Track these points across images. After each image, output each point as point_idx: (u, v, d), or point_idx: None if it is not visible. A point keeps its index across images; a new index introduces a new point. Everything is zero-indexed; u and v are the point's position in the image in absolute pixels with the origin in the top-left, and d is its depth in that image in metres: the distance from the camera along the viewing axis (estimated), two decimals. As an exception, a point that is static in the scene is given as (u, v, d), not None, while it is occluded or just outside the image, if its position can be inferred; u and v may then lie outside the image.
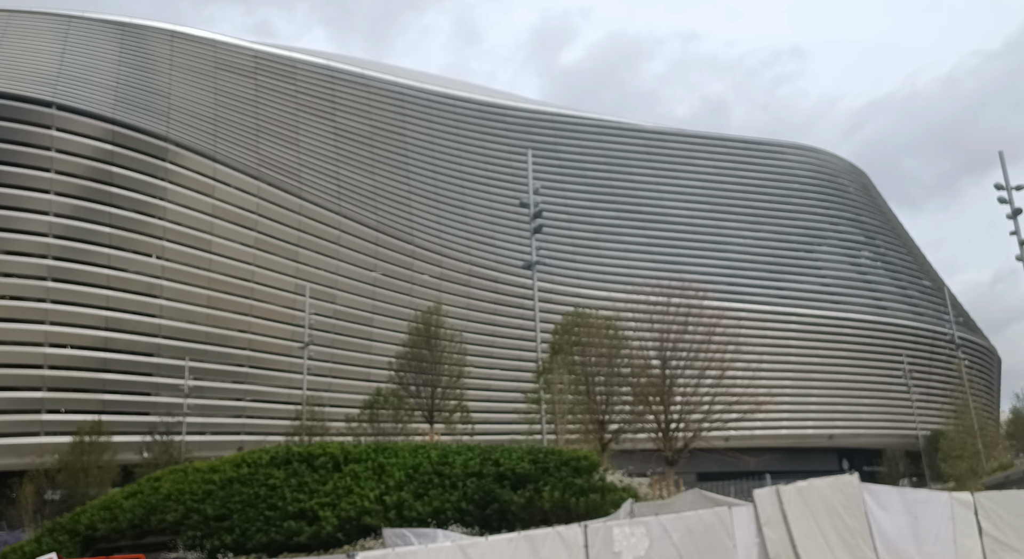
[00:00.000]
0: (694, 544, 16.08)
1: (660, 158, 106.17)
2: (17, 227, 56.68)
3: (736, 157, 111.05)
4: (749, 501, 17.39)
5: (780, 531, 16.92)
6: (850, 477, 18.70)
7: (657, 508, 19.60)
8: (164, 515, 30.15)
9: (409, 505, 25.82)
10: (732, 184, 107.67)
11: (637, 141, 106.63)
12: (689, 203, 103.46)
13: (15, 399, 54.65)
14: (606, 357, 35.00)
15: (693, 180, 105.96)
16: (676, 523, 16.21)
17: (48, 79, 61.11)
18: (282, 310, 68.84)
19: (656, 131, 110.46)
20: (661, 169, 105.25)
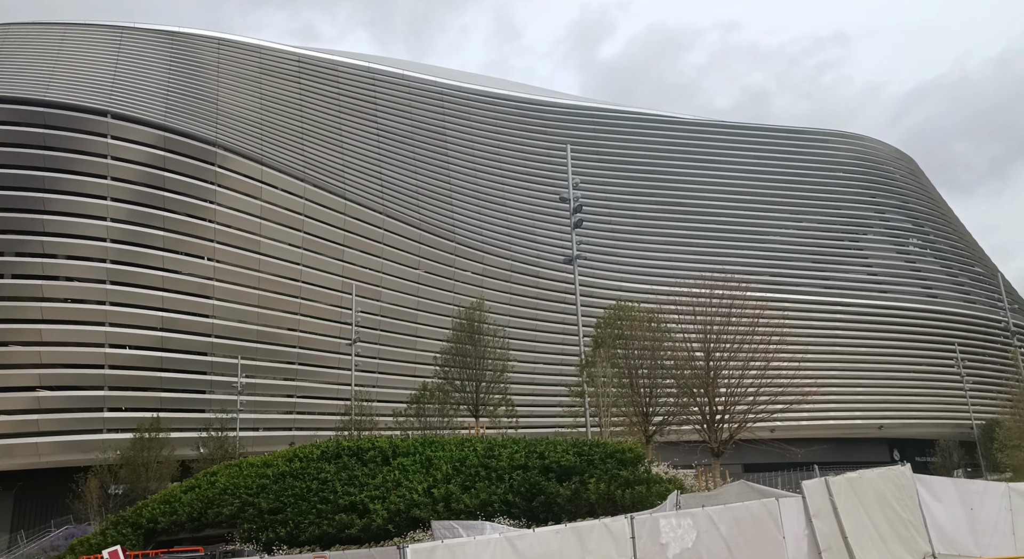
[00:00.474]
0: (742, 536, 16.00)
1: (700, 150, 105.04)
2: (77, 232, 58.75)
3: (778, 147, 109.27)
4: (797, 493, 17.21)
5: (830, 523, 16.72)
6: (902, 468, 18.45)
7: (703, 500, 19.61)
8: (220, 508, 31.20)
9: (457, 498, 26.29)
10: (774, 174, 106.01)
11: (677, 133, 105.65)
12: (731, 194, 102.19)
13: (79, 398, 56.76)
14: (649, 350, 35.01)
15: (734, 171, 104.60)
16: (723, 514, 16.15)
17: (103, 89, 63.13)
18: (329, 308, 70.17)
19: (696, 123, 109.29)
20: (702, 161, 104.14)
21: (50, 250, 57.94)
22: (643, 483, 24.41)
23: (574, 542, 14.79)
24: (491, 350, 46.07)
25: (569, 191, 39.54)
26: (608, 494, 24.05)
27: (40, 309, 56.78)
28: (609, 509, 22.71)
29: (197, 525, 32.26)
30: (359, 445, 32.26)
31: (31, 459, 55.41)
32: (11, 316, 56.19)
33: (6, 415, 54.93)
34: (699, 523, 15.79)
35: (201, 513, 32.04)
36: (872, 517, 17.23)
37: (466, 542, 14.64)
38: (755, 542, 16.06)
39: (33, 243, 57.56)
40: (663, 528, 15.49)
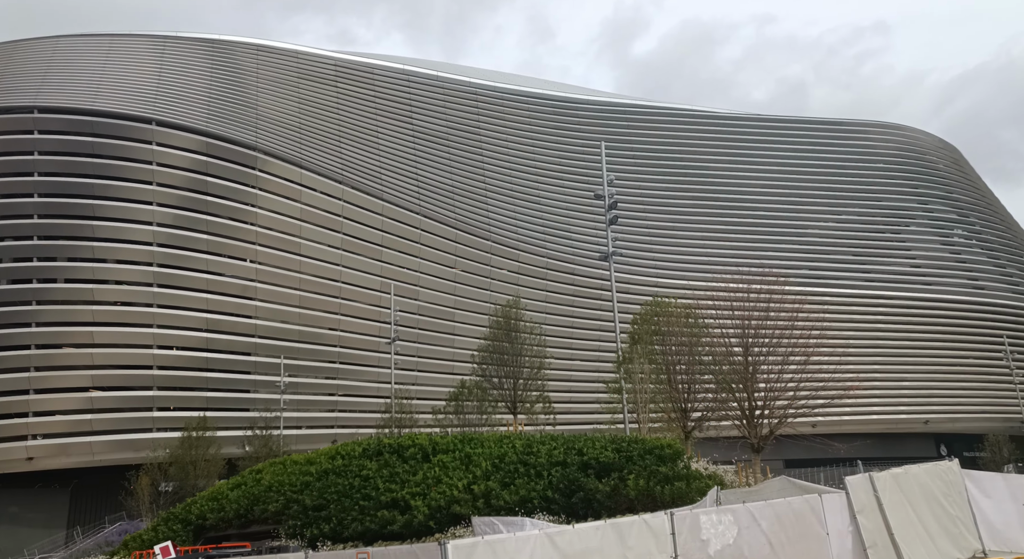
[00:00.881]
0: (784, 532, 15.95)
1: (736, 144, 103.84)
2: (125, 237, 60.45)
3: (815, 139, 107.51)
4: (840, 489, 17.12)
5: (875, 519, 16.59)
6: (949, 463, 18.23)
7: (744, 495, 19.53)
8: (266, 505, 31.87)
9: (496, 494, 26.52)
10: (812, 167, 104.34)
11: (712, 128, 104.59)
12: (767, 188, 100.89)
13: (129, 398, 58.44)
14: (687, 345, 34.87)
15: (771, 165, 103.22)
16: (765, 510, 16.12)
17: (148, 97, 64.80)
18: (369, 308, 71.11)
19: (731, 117, 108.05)
20: (737, 155, 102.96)
21: (100, 255, 59.69)
22: (682, 479, 24.38)
23: (614, 538, 14.88)
24: (528, 347, 46.29)
25: (604, 188, 39.55)
26: (647, 490, 24.06)
27: (92, 312, 58.55)
28: (649, 505, 22.74)
29: (244, 521, 32.96)
30: (400, 442, 32.68)
31: (86, 458, 57.22)
32: (64, 319, 58.05)
33: (62, 415, 56.81)
34: (740, 519, 15.78)
35: (247, 510, 32.73)
36: (919, 513, 17.03)
37: (506, 538, 14.82)
38: (798, 538, 16.00)
39: (84, 248, 59.38)
40: (704, 524, 15.52)
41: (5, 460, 55.90)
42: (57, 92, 63.03)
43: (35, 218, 59.25)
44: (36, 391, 56.54)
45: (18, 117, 60.98)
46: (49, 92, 62.89)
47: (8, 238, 59.09)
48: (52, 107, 61.58)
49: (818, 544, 16.16)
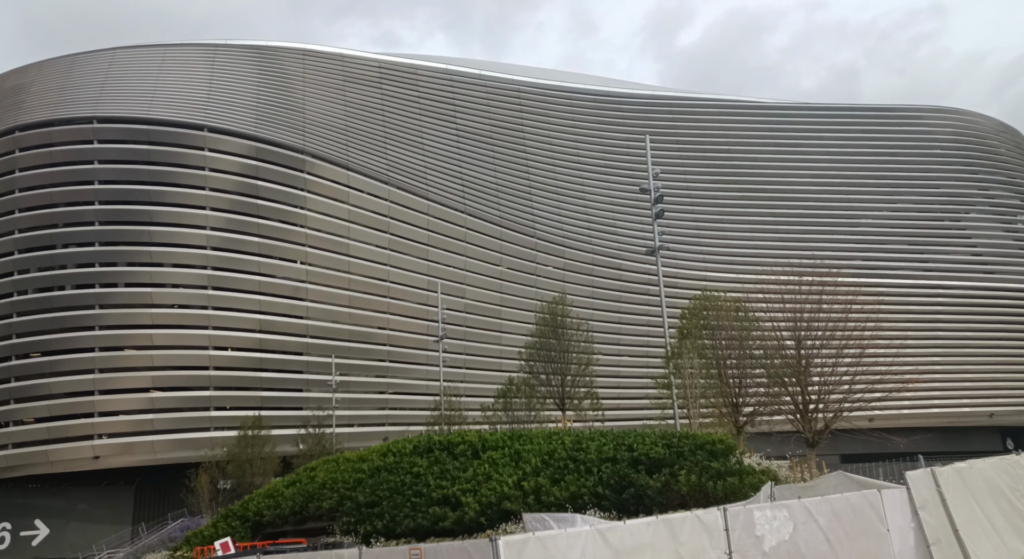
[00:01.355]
0: (842, 528, 15.64)
1: (785, 134, 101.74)
2: (181, 242, 62.16)
3: (867, 126, 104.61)
4: (901, 484, 16.71)
5: (939, 515, 16.16)
6: (1017, 457, 17.69)
7: (799, 491, 19.21)
8: (321, 502, 32.43)
9: (546, 490, 26.52)
10: (865, 155, 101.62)
11: (759, 118, 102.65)
12: (818, 178, 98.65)
13: (187, 398, 60.10)
14: (737, 339, 34.35)
15: (822, 154, 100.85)
16: (822, 506, 15.83)
17: (200, 104, 66.47)
18: (416, 306, 71.83)
19: (779, 107, 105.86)
20: (786, 145, 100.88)
21: (157, 259, 61.48)
22: (735, 474, 24.03)
23: (666, 534, 14.77)
24: (575, 344, 46.18)
25: (649, 182, 39.17)
26: (699, 486, 23.79)
27: (151, 315, 60.36)
28: (701, 501, 22.49)
29: (300, 518, 33.59)
30: (449, 439, 32.90)
31: (148, 456, 59.04)
32: (125, 322, 59.94)
33: (125, 415, 58.72)
34: (796, 515, 15.51)
35: (303, 507, 33.35)
36: (984, 508, 16.55)
37: (557, 534, 14.82)
38: (857, 535, 15.66)
39: (142, 253, 61.23)
40: (758, 520, 15.30)
41: (73, 458, 58.04)
42: (115, 102, 65.06)
43: (96, 225, 61.30)
44: (101, 392, 58.52)
45: (79, 128, 63.14)
46: (107, 102, 64.95)
47: (72, 245, 61.27)
48: (110, 117, 63.58)
49: (878, 541, 15.78)
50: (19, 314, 60.28)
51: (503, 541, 13.64)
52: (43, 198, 61.88)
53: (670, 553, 14.53)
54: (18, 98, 66.37)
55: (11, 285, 60.95)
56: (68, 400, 58.15)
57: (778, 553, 15.08)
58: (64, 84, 66.96)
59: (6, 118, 65.08)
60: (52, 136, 62.89)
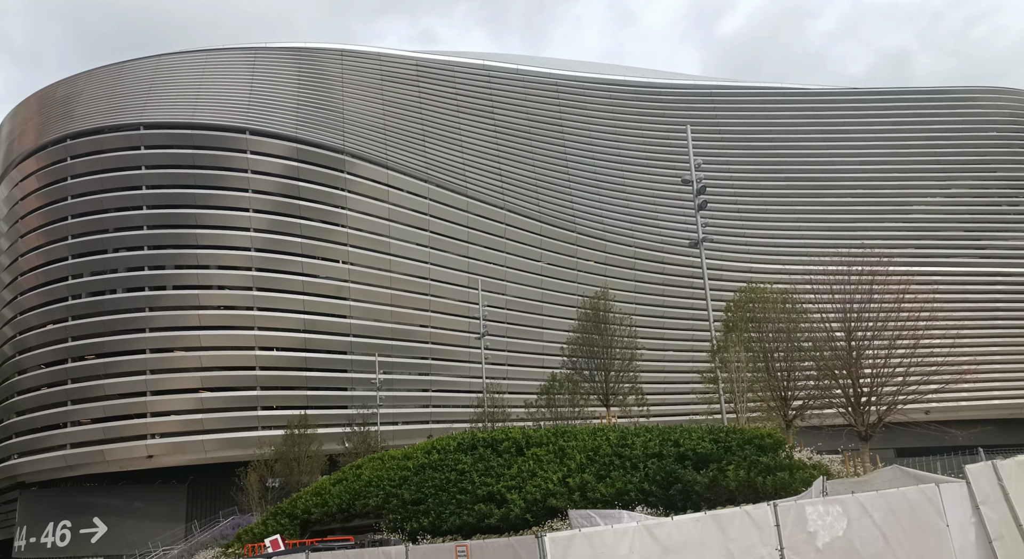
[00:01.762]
0: (899, 524, 15.12)
1: (831, 121, 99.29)
2: (226, 244, 63.28)
3: (919, 110, 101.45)
4: (960, 478, 16.14)
5: (1001, 509, 15.54)
6: (1082, 449, 16.84)
7: (853, 486, 18.65)
8: (367, 500, 32.67)
9: (592, 487, 26.27)
10: (916, 139, 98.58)
11: (804, 106, 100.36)
12: (867, 165, 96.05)
13: (235, 398, 61.20)
14: (785, 332, 33.56)
15: (870, 140, 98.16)
16: (876, 501, 15.33)
17: (241, 107, 67.56)
18: (457, 304, 72.03)
19: (824, 93, 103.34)
20: (833, 132, 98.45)
21: (204, 262, 62.70)
22: (785, 469, 23.47)
23: (715, 530, 14.46)
24: (618, 339, 45.68)
25: (691, 173, 38.54)
26: (748, 481, 23.29)
27: (198, 317, 61.59)
28: (750, 497, 22.00)
29: (347, 516, 33.90)
30: (493, 436, 32.87)
31: (199, 455, 60.31)
32: (174, 324, 61.28)
33: (176, 415, 60.06)
34: (849, 510, 15.04)
35: (349, 504, 33.65)
36: (1050, 503, 15.83)
37: (604, 531, 14.61)
38: (914, 531, 15.13)
39: (189, 256, 62.50)
40: (810, 515, 14.86)
41: (128, 458, 59.60)
42: (161, 108, 66.51)
43: (145, 229, 62.75)
44: (152, 393, 59.95)
45: (127, 134, 64.69)
46: (154, 108, 66.41)
47: (122, 249, 62.83)
48: (156, 123, 65.00)
49: (937, 536, 15.21)
50: (74, 317, 62.04)
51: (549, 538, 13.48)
52: (94, 204, 63.56)
53: (719, 549, 14.19)
54: (69, 107, 68.29)
55: (66, 289, 62.76)
56: (122, 401, 59.69)
57: (832, 549, 14.63)
58: (112, 91, 68.62)
59: (58, 126, 67.00)
60: (102, 143, 64.53)
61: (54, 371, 61.74)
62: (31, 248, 64.78)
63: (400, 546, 16.26)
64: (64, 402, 60.80)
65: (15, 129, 71.76)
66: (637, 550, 13.83)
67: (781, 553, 14.32)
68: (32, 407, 62.35)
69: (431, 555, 15.61)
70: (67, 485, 63.10)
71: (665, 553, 13.97)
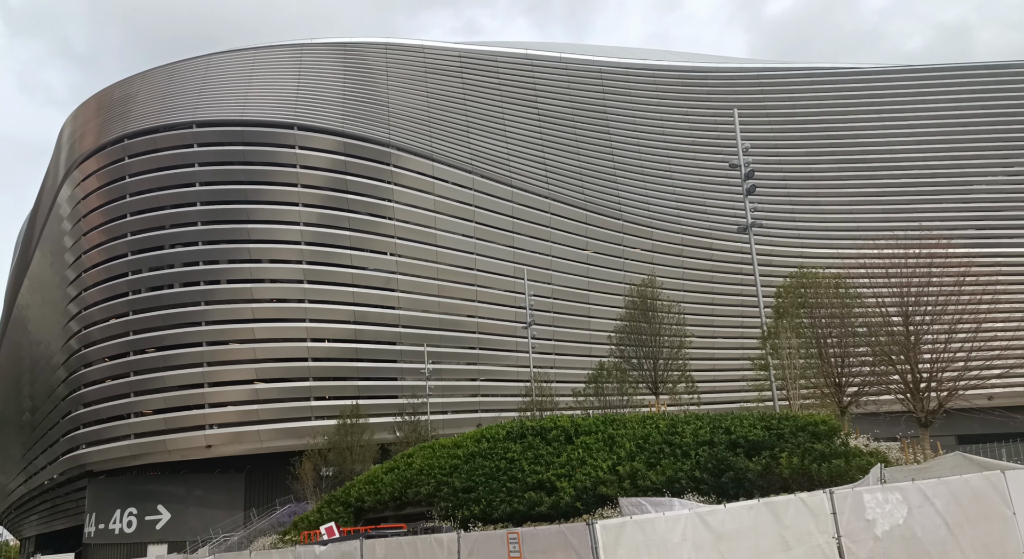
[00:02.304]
0: (962, 512, 14.76)
1: (886, 99, 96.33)
2: (277, 238, 64.54)
3: (979, 86, 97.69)
4: (1026, 465, 15.65)
5: (1072, 497, 15.03)
6: None
7: (912, 473, 18.25)
8: (419, 488, 33.10)
9: (642, 474, 26.17)
10: (976, 116, 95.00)
11: (857, 85, 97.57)
12: (924, 144, 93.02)
13: (289, 388, 62.52)
14: (838, 317, 32.83)
15: (928, 118, 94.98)
16: (938, 489, 14.97)
17: (289, 103, 68.67)
18: (504, 293, 72.26)
19: (878, 71, 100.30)
20: (888, 111, 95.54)
21: (256, 256, 64.03)
22: (840, 456, 23.01)
23: (769, 518, 14.28)
24: (666, 327, 45.26)
25: (739, 157, 37.86)
26: (802, 468, 22.91)
27: (251, 310, 63.01)
28: (804, 484, 21.64)
29: (399, 504, 34.40)
30: (542, 425, 32.96)
31: (255, 445, 61.83)
32: (229, 318, 62.79)
33: (232, 406, 61.64)
34: (910, 498, 14.70)
35: (401, 492, 34.13)
36: (1125, 490, 15.24)
37: (655, 518, 14.53)
38: (978, 519, 14.73)
39: (241, 251, 63.90)
40: (868, 503, 14.57)
41: (188, 447, 61.43)
42: (212, 106, 68.00)
43: (199, 225, 64.35)
44: (209, 384, 61.61)
45: (180, 133, 66.32)
46: (205, 107, 67.94)
47: (178, 245, 64.55)
48: (208, 120, 66.47)
49: (1003, 525, 14.78)
50: (134, 312, 64.04)
51: (600, 525, 13.46)
52: (151, 201, 65.38)
53: (774, 537, 14.01)
54: (126, 108, 70.29)
55: (126, 285, 64.79)
56: (181, 392, 61.50)
57: (891, 537, 14.33)
58: (166, 91, 70.39)
59: (116, 127, 69.03)
60: (157, 142, 66.29)
61: (117, 364, 63.88)
62: (93, 245, 67.00)
63: (452, 533, 16.45)
64: (127, 394, 62.89)
65: (76, 131, 74.22)
66: (690, 537, 13.74)
67: (838, 541, 14.10)
68: (98, 399, 64.66)
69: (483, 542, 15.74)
70: (132, 474, 65.34)
71: (718, 540, 13.86)
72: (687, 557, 13.55)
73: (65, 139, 76.77)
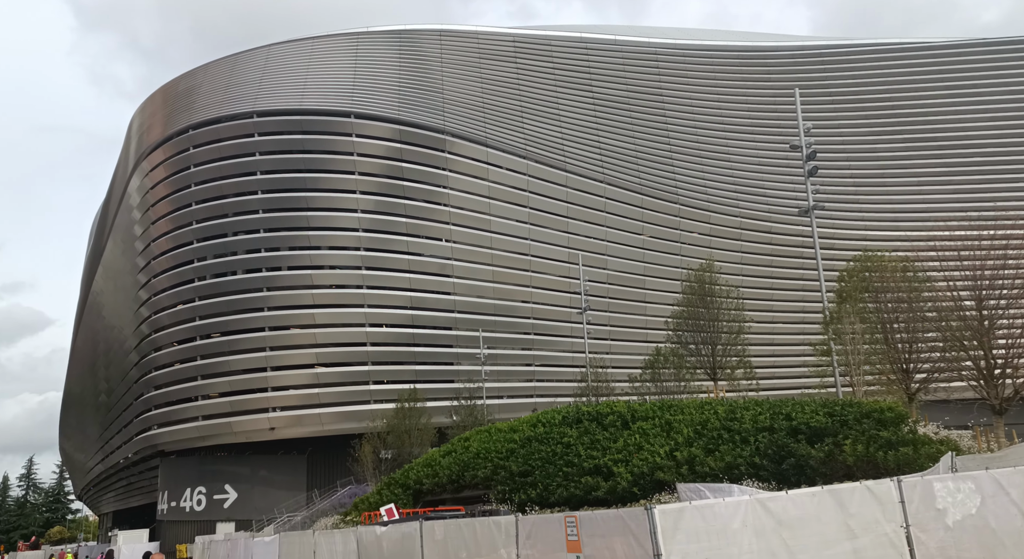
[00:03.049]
0: (1041, 501, 14.18)
1: (957, 75, 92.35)
2: (335, 225, 65.65)
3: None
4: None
5: None
6: None
7: (985, 462, 17.58)
8: (475, 471, 33.41)
9: (700, 460, 25.89)
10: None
11: (925, 61, 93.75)
12: (1000, 120, 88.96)
13: (349, 373, 63.74)
14: (906, 301, 31.77)
15: (1003, 93, 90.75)
16: (1014, 478, 14.39)
17: (346, 91, 69.54)
18: (558, 279, 72.11)
19: (950, 45, 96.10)
20: (960, 87, 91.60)
21: (315, 243, 65.29)
22: (908, 444, 22.31)
23: (833, 506, 13.93)
24: (725, 312, 44.57)
25: (800, 138, 36.89)
26: (867, 456, 22.30)
27: (312, 295, 64.35)
28: (869, 472, 21.06)
29: (456, 486, 34.78)
30: (598, 410, 32.88)
31: (316, 428, 63.32)
32: (290, 303, 64.25)
33: (294, 389, 63.20)
34: (983, 487, 14.17)
35: (459, 475, 34.49)
36: None
37: (715, 503, 14.32)
38: (1059, 509, 14.12)
39: (301, 238, 65.23)
40: (938, 492, 14.10)
41: (253, 430, 63.29)
42: (271, 96, 69.33)
43: (260, 213, 65.86)
44: (272, 368, 63.26)
45: (241, 123, 67.85)
46: (265, 96, 69.32)
47: (241, 232, 66.24)
48: (268, 110, 67.84)
49: (1084, 518, 14.12)
50: (200, 298, 66.08)
51: (659, 509, 13.31)
52: (214, 190, 67.17)
53: (838, 525, 13.68)
54: (190, 99, 72.24)
55: (192, 272, 66.87)
56: (245, 376, 63.29)
57: (963, 528, 13.85)
58: (228, 82, 72.02)
59: (181, 118, 71.05)
60: (219, 132, 67.99)
61: (185, 348, 66.09)
62: (161, 233, 69.27)
63: (510, 516, 16.54)
64: (195, 377, 65.06)
65: (144, 123, 76.67)
66: (751, 524, 13.51)
67: (907, 530, 13.69)
68: (167, 382, 67.09)
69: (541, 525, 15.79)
70: (201, 454, 67.69)
71: (780, 527, 13.59)
72: (748, 543, 13.33)
73: (134, 131, 79.38)
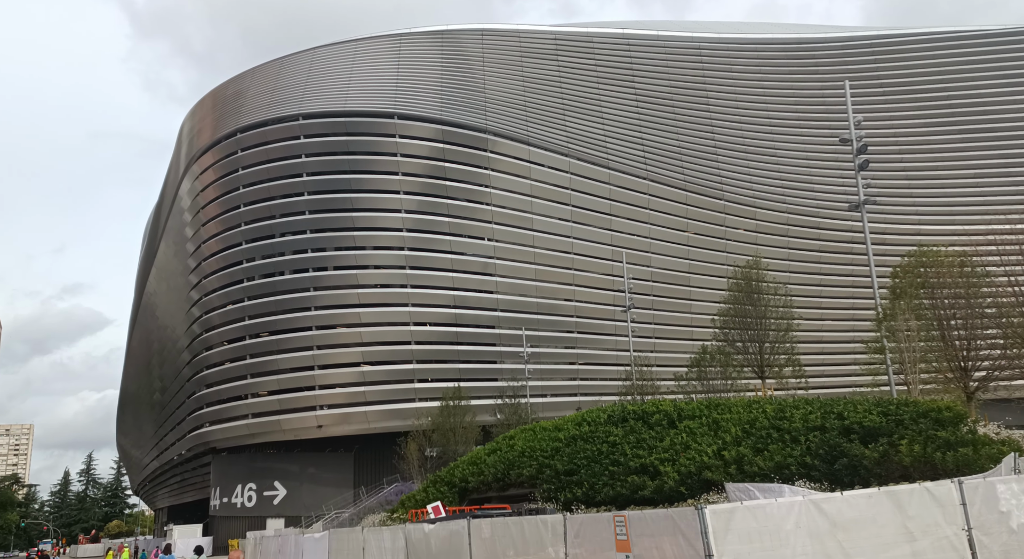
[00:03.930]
0: (1115, 503, 13.65)
1: (1013, 63, 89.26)
2: (380, 225, 66.35)
3: None
4: None
5: None
6: None
7: (1049, 464, 16.94)
8: (521, 470, 33.38)
9: (749, 460, 25.46)
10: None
11: (981, 49, 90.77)
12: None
13: (394, 371, 64.37)
14: (964, 297, 30.79)
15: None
16: (1081, 479, 13.90)
17: (389, 92, 70.20)
18: (602, 277, 71.71)
19: (1006, 33, 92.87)
20: (1015, 76, 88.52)
21: (360, 243, 66.07)
22: (968, 445, 21.60)
23: (890, 507, 13.58)
24: (772, 309, 43.79)
25: (850, 131, 36.05)
26: (925, 457, 21.66)
27: (357, 295, 65.14)
28: (927, 473, 20.47)
29: (502, 485, 34.78)
30: (644, 409, 32.56)
31: (362, 426, 64.08)
32: (337, 303, 65.15)
33: (341, 388, 64.06)
34: (1049, 490, 13.70)
35: (504, 474, 34.49)
36: None
37: (767, 504, 14.07)
38: None
39: (347, 238, 66.07)
40: (1002, 494, 13.67)
41: (301, 427, 64.35)
42: (317, 98, 70.35)
43: (307, 214, 66.91)
44: (320, 367, 64.21)
45: (288, 125, 69.02)
46: (310, 99, 70.37)
47: (288, 233, 67.39)
48: (313, 112, 68.88)
49: None
50: (249, 298, 67.41)
51: (710, 510, 13.13)
52: (262, 192, 68.45)
53: (896, 527, 13.33)
54: (238, 103, 73.73)
55: (241, 272, 68.26)
56: (293, 375, 64.37)
57: (1029, 532, 13.38)
58: (275, 85, 73.30)
59: (229, 122, 72.56)
60: (267, 135, 69.25)
61: (235, 347, 67.50)
62: (211, 235, 70.85)
63: (558, 515, 16.49)
64: (244, 376, 66.40)
65: (194, 127, 78.51)
66: (804, 525, 13.24)
67: (969, 533, 13.30)
68: (218, 380, 68.62)
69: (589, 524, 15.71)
70: (252, 451, 69.08)
71: (835, 529, 13.29)
72: (801, 545, 13.07)
73: (185, 135, 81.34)
